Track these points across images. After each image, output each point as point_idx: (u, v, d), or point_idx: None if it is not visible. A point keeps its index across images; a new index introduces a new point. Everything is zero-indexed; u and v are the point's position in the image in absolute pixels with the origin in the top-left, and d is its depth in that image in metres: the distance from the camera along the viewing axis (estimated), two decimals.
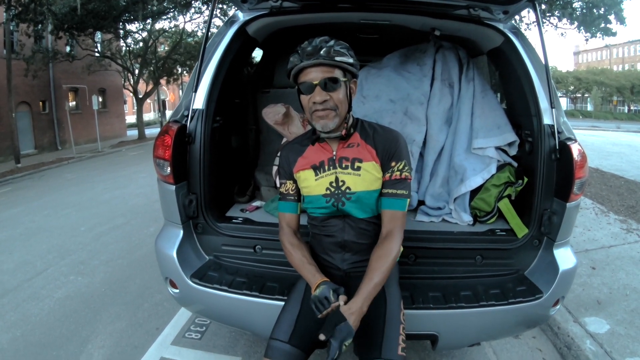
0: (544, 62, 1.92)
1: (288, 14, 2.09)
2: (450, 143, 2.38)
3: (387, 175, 1.44)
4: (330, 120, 1.37)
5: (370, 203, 1.46)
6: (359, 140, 1.47)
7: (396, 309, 1.45)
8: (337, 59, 1.34)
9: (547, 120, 1.87)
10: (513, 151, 2.22)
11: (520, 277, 1.88)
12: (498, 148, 2.22)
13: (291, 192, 1.55)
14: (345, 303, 1.29)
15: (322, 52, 1.33)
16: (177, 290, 1.89)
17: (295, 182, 1.54)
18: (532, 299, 1.73)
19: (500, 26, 2.05)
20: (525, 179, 2.06)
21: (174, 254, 1.86)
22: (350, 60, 1.37)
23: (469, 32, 2.24)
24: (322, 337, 1.23)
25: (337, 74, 1.36)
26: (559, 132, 1.84)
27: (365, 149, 1.45)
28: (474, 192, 2.20)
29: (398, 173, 1.44)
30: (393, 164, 1.44)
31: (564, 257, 1.85)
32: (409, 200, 1.46)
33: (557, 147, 1.82)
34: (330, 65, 1.35)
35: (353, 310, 1.27)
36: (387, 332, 1.38)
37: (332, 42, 1.35)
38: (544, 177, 1.86)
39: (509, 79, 2.18)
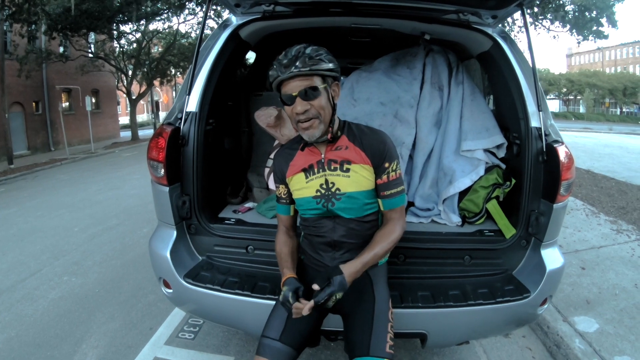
0: (531, 66, 1.95)
1: (280, 18, 2.11)
2: (439, 145, 2.41)
3: (385, 177, 1.47)
4: (315, 129, 1.39)
5: (360, 203, 1.48)
6: (347, 143, 1.49)
7: (384, 307, 1.48)
8: (314, 67, 1.33)
9: (534, 123, 1.91)
10: (501, 153, 2.25)
11: (508, 277, 1.91)
12: (486, 150, 2.25)
13: (283, 196, 1.59)
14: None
15: (297, 63, 1.32)
16: (170, 290, 1.91)
17: (287, 186, 1.57)
18: (520, 298, 1.76)
19: (489, 31, 2.09)
20: (513, 181, 2.10)
21: (168, 255, 1.88)
22: (329, 66, 1.37)
23: (459, 36, 2.28)
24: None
25: (316, 81, 1.36)
26: (546, 135, 1.88)
27: (353, 151, 1.48)
28: (462, 194, 2.23)
29: (393, 174, 1.47)
30: (387, 165, 1.47)
31: (552, 257, 1.88)
32: (405, 191, 1.52)
33: (544, 150, 1.85)
34: (307, 75, 1.34)
35: (350, 272, 1.35)
36: (375, 329, 1.41)
37: (308, 51, 1.34)
38: (531, 178, 1.90)
39: (497, 82, 2.22)
